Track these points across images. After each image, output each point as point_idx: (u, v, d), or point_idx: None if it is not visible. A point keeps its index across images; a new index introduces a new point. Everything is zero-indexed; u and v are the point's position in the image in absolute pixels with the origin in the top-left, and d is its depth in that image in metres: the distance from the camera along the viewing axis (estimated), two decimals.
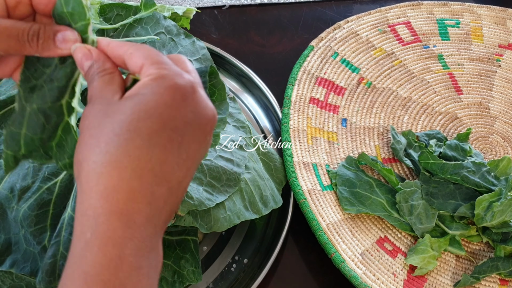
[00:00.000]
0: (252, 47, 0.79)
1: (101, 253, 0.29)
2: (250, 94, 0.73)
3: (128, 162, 0.30)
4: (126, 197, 0.30)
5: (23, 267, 0.45)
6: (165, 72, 0.32)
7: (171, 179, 0.32)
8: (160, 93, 0.31)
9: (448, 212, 0.60)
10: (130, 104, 0.31)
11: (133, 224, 0.30)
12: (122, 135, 0.30)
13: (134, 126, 0.30)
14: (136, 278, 0.30)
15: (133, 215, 0.30)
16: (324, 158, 0.65)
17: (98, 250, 0.29)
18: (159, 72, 0.32)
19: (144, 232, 0.31)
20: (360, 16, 0.80)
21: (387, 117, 0.71)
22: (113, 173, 0.30)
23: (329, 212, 0.60)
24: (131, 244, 0.30)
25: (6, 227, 0.47)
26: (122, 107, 0.31)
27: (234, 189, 0.53)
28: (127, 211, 0.30)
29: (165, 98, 0.31)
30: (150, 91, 0.31)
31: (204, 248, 0.59)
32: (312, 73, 0.72)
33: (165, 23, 0.55)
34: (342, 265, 0.56)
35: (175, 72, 0.32)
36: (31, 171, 0.47)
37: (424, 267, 0.58)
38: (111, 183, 0.30)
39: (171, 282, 0.50)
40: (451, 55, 0.79)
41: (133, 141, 0.30)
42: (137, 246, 0.30)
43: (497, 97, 0.76)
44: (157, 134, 0.30)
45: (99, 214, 0.30)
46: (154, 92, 0.31)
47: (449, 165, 0.61)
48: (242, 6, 0.84)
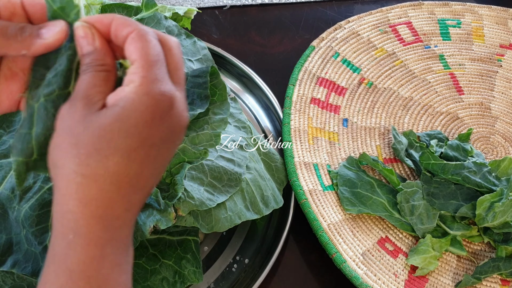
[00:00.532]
0: (253, 47, 0.80)
1: (84, 252, 0.31)
2: (251, 94, 0.73)
3: (107, 176, 0.31)
4: (104, 205, 0.32)
5: (25, 267, 0.45)
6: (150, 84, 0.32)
7: (146, 186, 0.34)
8: (141, 110, 0.31)
9: (449, 213, 0.60)
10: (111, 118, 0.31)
11: (112, 228, 0.32)
12: (102, 151, 0.31)
13: (114, 144, 0.31)
14: (117, 273, 0.32)
15: (112, 220, 0.32)
16: (325, 158, 0.65)
17: (81, 250, 0.31)
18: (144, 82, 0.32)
19: (122, 233, 0.33)
20: (361, 16, 0.80)
21: (388, 117, 0.71)
22: (93, 185, 0.31)
23: (330, 212, 0.60)
24: (111, 244, 0.32)
25: (7, 227, 0.47)
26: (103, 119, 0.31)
27: (235, 189, 0.53)
28: (105, 216, 0.32)
29: (145, 117, 0.31)
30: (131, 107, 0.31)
31: (205, 248, 0.59)
32: (313, 73, 0.72)
33: (166, 23, 0.55)
34: (343, 265, 0.56)
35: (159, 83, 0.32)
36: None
37: (425, 267, 0.58)
38: (90, 193, 0.31)
39: (172, 282, 0.50)
40: (452, 55, 0.79)
41: (113, 157, 0.31)
42: (116, 246, 0.32)
43: (498, 97, 0.76)
44: (135, 151, 0.32)
45: (78, 218, 0.31)
46: (135, 108, 0.31)
47: (450, 166, 0.61)
48: (243, 6, 0.84)
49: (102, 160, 0.31)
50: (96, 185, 0.31)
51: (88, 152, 0.31)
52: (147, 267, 0.50)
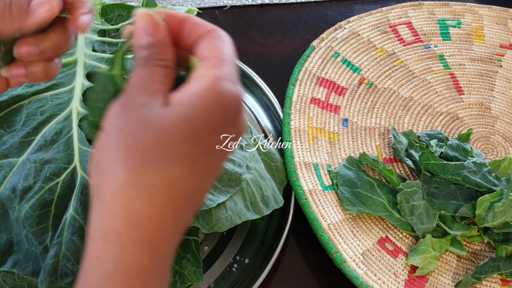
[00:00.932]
0: (253, 48, 0.80)
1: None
2: (251, 94, 0.73)
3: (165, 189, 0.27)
4: (156, 227, 0.27)
5: (25, 267, 0.45)
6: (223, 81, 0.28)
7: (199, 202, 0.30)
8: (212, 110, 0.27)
9: (449, 213, 0.60)
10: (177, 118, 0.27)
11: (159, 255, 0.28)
12: (162, 158, 0.26)
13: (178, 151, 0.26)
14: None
15: (160, 246, 0.27)
16: (325, 158, 0.65)
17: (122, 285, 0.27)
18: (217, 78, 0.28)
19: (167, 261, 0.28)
20: (361, 16, 0.80)
21: (388, 117, 0.71)
22: (146, 198, 0.27)
23: (330, 212, 0.60)
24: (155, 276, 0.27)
25: (8, 227, 0.47)
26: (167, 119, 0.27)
27: (235, 189, 0.53)
28: (154, 241, 0.27)
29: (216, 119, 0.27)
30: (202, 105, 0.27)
31: (205, 248, 0.59)
32: (313, 73, 0.72)
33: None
34: (343, 265, 0.56)
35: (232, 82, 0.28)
36: (32, 172, 0.47)
37: (425, 267, 0.58)
38: (142, 210, 0.27)
39: (172, 282, 0.50)
40: (452, 55, 0.79)
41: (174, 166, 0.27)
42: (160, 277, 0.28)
43: (498, 97, 0.76)
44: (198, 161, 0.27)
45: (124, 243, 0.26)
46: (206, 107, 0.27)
47: (450, 166, 0.61)
48: (243, 6, 0.84)
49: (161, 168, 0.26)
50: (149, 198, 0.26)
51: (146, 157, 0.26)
52: None
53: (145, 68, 0.29)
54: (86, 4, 0.33)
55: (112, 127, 0.28)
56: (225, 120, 0.28)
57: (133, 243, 0.26)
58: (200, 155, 0.27)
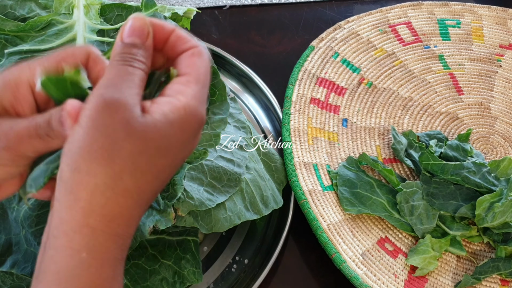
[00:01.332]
0: (252, 47, 0.79)
1: (97, 274, 0.30)
2: (251, 94, 0.73)
3: (136, 194, 0.30)
4: (126, 224, 0.31)
5: (24, 267, 0.45)
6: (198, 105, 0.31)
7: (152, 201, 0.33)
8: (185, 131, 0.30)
9: (449, 213, 0.60)
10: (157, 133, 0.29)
11: (125, 247, 0.31)
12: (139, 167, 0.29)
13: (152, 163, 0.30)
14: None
15: (127, 239, 0.31)
16: (324, 159, 0.65)
17: (95, 271, 0.29)
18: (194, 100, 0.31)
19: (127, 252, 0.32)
20: (361, 16, 0.80)
21: (387, 118, 0.71)
22: (121, 200, 0.30)
23: (330, 212, 0.60)
24: (121, 265, 0.31)
25: (7, 227, 0.47)
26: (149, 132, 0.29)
27: (234, 189, 0.53)
28: (123, 235, 0.31)
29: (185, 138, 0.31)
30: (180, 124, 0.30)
31: (204, 249, 0.59)
32: (312, 73, 0.72)
33: None
34: (343, 266, 0.56)
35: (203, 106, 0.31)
36: None
37: (425, 267, 0.58)
38: (117, 210, 0.30)
39: (171, 283, 0.50)
40: (451, 55, 0.79)
41: (147, 175, 0.30)
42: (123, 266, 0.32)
43: (498, 97, 0.76)
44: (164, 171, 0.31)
45: (98, 236, 0.29)
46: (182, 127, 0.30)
47: (449, 166, 0.61)
48: (243, 6, 0.84)
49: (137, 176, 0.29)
50: (123, 201, 0.30)
51: (125, 164, 0.29)
52: (147, 268, 0.50)
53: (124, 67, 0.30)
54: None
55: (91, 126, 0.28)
56: (190, 137, 0.31)
57: (106, 236, 0.30)
58: (166, 166, 0.31)
